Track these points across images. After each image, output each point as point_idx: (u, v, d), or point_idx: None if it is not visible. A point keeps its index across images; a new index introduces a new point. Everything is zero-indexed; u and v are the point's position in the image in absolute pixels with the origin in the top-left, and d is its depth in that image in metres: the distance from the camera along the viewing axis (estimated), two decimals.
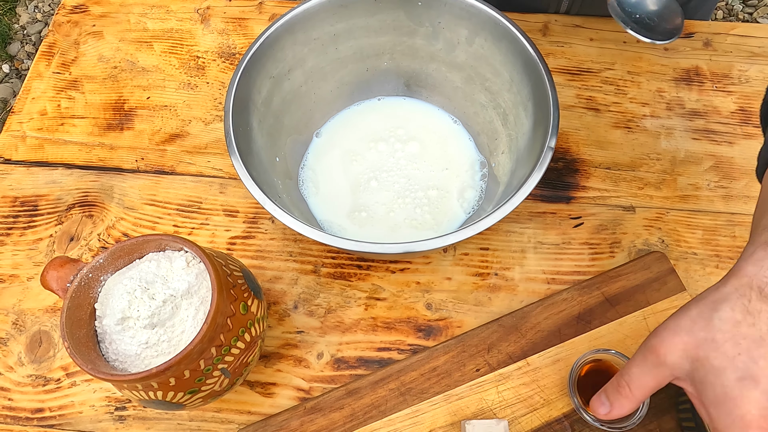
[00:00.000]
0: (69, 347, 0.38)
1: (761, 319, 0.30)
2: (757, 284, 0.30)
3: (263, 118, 0.53)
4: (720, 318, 0.31)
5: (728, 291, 0.31)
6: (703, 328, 0.31)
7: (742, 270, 0.31)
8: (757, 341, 0.29)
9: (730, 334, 0.30)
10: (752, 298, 0.30)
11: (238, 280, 0.43)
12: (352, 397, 0.49)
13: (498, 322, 0.52)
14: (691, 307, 0.33)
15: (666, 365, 0.32)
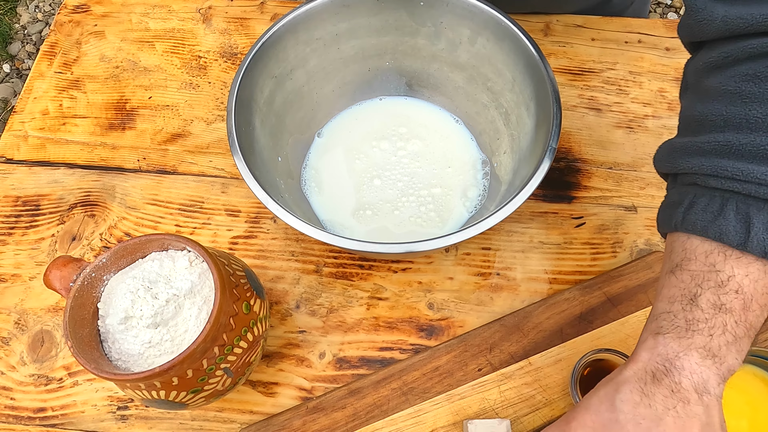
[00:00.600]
0: (72, 347, 0.38)
1: (656, 400, 0.33)
2: (650, 369, 0.34)
3: (265, 118, 0.53)
4: (621, 400, 0.34)
5: (628, 375, 0.34)
6: (607, 409, 0.34)
7: (638, 356, 0.35)
8: (655, 420, 0.32)
9: (631, 415, 0.33)
10: (647, 381, 0.34)
11: (241, 279, 0.44)
12: (354, 396, 0.49)
13: (500, 322, 0.52)
14: (599, 387, 0.36)
15: None
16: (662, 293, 0.37)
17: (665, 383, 0.33)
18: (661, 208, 0.39)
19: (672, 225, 0.37)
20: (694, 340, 0.34)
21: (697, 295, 0.34)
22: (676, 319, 0.35)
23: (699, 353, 0.33)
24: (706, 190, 0.36)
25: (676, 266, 0.36)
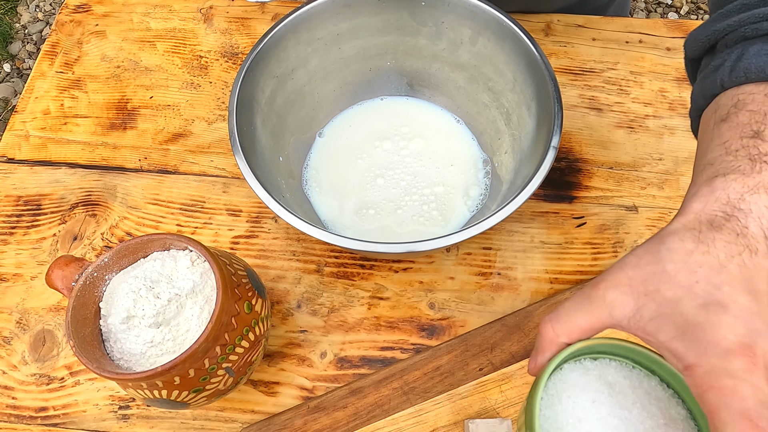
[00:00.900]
0: (74, 346, 0.38)
1: (716, 246, 0.26)
2: (705, 218, 0.28)
3: (267, 118, 0.53)
4: (669, 249, 0.27)
5: (675, 227, 0.28)
6: (650, 262, 0.27)
7: (687, 208, 0.29)
8: (716, 268, 0.26)
9: (682, 264, 0.26)
10: (702, 230, 0.27)
11: (243, 279, 0.44)
12: (356, 396, 0.49)
13: (501, 322, 0.52)
14: (636, 248, 0.29)
15: (604, 302, 0.29)
16: (711, 145, 0.30)
17: (727, 228, 0.27)
18: (697, 83, 0.33)
19: (717, 85, 0.31)
20: (762, 177, 0.27)
21: (761, 131, 0.28)
22: (737, 160, 0.28)
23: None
24: (757, 38, 0.30)
25: (726, 116, 0.30)
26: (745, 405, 0.23)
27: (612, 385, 0.30)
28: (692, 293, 0.26)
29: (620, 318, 0.29)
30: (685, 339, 0.26)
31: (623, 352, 0.31)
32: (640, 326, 0.28)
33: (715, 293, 0.26)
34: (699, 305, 0.26)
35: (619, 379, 0.30)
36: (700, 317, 0.25)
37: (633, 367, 0.31)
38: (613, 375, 0.31)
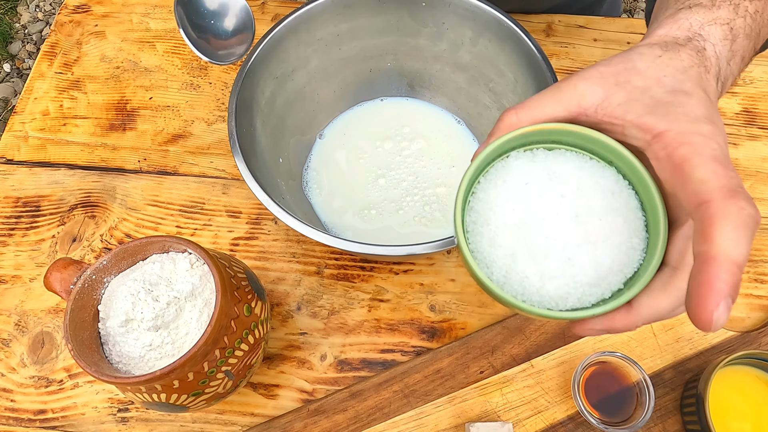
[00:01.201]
0: (72, 349, 0.38)
1: (680, 56, 0.29)
2: (670, 38, 0.30)
3: (266, 119, 0.53)
4: (639, 53, 0.29)
5: (642, 44, 0.30)
6: (621, 62, 0.29)
7: (651, 34, 0.31)
8: (681, 69, 0.28)
9: (652, 63, 0.28)
10: (668, 44, 0.29)
11: (242, 281, 0.43)
12: (356, 399, 0.49)
13: (502, 324, 0.51)
14: (606, 58, 0.30)
15: (575, 91, 0.29)
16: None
17: (690, 45, 0.29)
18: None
19: None
20: (720, 12, 0.30)
21: None
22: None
23: (722, 30, 0.30)
24: None
25: None
26: (715, 153, 0.25)
27: (555, 173, 0.29)
28: (660, 83, 0.28)
29: (588, 106, 0.29)
30: (656, 113, 0.27)
31: (579, 141, 0.30)
32: (608, 112, 0.28)
33: (681, 85, 0.28)
34: (667, 91, 0.28)
35: (568, 168, 0.29)
36: (669, 98, 0.27)
37: (590, 158, 0.30)
38: (562, 165, 0.29)
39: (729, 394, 0.45)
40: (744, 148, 0.60)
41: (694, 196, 0.24)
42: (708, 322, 0.22)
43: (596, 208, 0.28)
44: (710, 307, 0.22)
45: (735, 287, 0.22)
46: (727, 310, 0.22)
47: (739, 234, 0.22)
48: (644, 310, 0.26)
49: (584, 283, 0.27)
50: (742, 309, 0.53)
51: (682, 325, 0.51)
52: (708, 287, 0.22)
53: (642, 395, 0.45)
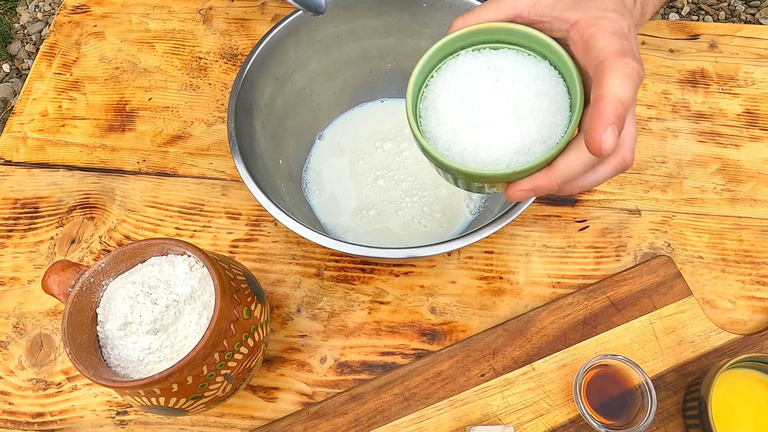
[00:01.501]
0: (70, 353, 0.37)
1: None
2: None
3: (266, 120, 0.53)
4: None
5: None
6: None
7: None
8: None
9: None
10: None
11: (242, 284, 0.43)
12: (356, 402, 0.49)
13: (503, 327, 0.51)
14: None
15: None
16: None
17: None
18: None
19: None
20: None
21: None
22: None
23: None
24: None
25: None
26: (615, 29, 0.30)
27: (494, 64, 0.34)
28: None
29: (522, 9, 0.34)
30: (574, 8, 0.32)
31: (516, 38, 0.35)
32: (538, 12, 0.33)
33: None
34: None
35: (506, 61, 0.34)
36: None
37: (528, 54, 0.34)
38: (501, 58, 0.34)
39: (732, 398, 0.45)
40: (746, 149, 0.60)
41: (594, 61, 0.30)
42: (598, 144, 0.27)
43: (526, 90, 0.33)
44: (599, 132, 0.27)
45: (620, 119, 0.28)
46: (613, 135, 0.27)
47: (625, 81, 0.28)
48: (562, 167, 0.31)
49: (512, 150, 0.32)
50: (744, 311, 0.53)
51: (684, 328, 0.50)
52: (598, 118, 0.27)
53: (644, 398, 0.45)
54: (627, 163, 0.32)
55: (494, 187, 0.34)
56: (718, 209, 0.57)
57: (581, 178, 0.32)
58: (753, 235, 0.56)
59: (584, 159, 0.31)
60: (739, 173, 0.59)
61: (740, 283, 0.54)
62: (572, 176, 0.31)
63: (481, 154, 0.32)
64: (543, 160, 0.31)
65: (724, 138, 0.61)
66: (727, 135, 0.61)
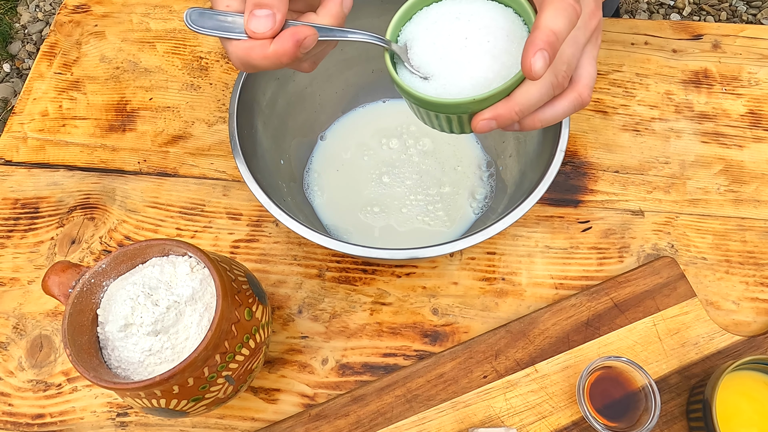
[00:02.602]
0: (71, 354, 0.37)
1: None
2: None
3: (268, 120, 0.53)
4: None
5: None
6: None
7: None
8: None
9: None
10: None
11: (243, 285, 0.43)
12: (358, 403, 0.48)
13: (505, 328, 0.51)
14: None
15: None
16: None
17: None
18: None
19: None
20: None
21: None
22: None
23: None
24: None
25: None
26: None
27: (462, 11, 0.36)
28: None
29: None
30: None
31: None
32: None
33: None
34: None
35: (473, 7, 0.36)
36: None
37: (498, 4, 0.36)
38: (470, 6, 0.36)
39: (736, 400, 0.45)
40: (749, 150, 0.60)
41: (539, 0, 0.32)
42: (529, 67, 0.30)
43: (486, 31, 0.35)
44: (529, 56, 0.30)
45: (550, 45, 0.30)
46: (542, 59, 0.30)
47: (558, 13, 0.31)
48: (518, 96, 0.33)
49: (474, 84, 0.34)
50: (747, 313, 0.52)
51: (687, 330, 0.50)
52: (530, 44, 0.30)
53: (648, 400, 0.45)
54: (583, 98, 0.35)
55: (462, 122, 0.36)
56: (721, 210, 0.57)
57: (540, 112, 0.35)
58: (757, 236, 0.55)
59: (539, 89, 0.33)
60: (742, 174, 0.58)
61: (744, 285, 0.53)
62: (529, 105, 0.33)
63: (447, 87, 0.35)
64: (501, 89, 0.33)
65: (728, 138, 0.60)
66: (731, 135, 0.60)
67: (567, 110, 0.35)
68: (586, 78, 0.35)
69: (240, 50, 0.33)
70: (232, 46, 0.33)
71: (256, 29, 0.32)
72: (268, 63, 0.33)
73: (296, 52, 0.33)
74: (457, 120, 0.36)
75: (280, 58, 0.33)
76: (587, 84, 0.35)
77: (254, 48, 0.33)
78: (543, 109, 0.35)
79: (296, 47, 0.32)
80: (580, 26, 0.34)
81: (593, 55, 0.35)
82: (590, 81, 0.35)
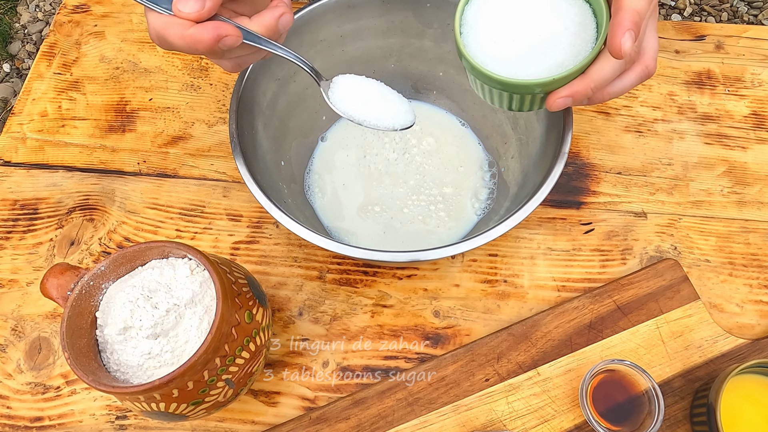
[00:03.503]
0: (69, 358, 0.37)
1: None
2: None
3: (268, 121, 0.52)
4: None
5: None
6: None
7: None
8: None
9: None
10: None
11: (243, 288, 0.42)
12: (359, 407, 0.48)
13: (508, 331, 0.50)
14: None
15: None
16: None
17: None
18: None
19: None
20: None
21: None
22: None
23: None
24: None
25: None
26: None
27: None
28: None
29: None
30: None
31: None
32: None
33: None
34: None
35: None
36: None
37: None
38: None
39: (740, 404, 0.44)
40: (753, 151, 0.59)
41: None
42: (618, 47, 0.31)
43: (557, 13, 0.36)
44: (618, 37, 0.31)
45: (636, 25, 0.32)
46: (630, 39, 0.31)
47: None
48: (594, 73, 0.35)
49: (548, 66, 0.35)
50: (751, 315, 0.52)
51: (691, 333, 0.50)
52: (617, 25, 0.32)
53: (651, 404, 0.44)
54: (650, 70, 0.36)
55: (534, 101, 0.36)
56: (725, 212, 0.56)
57: (611, 85, 0.36)
58: (760, 238, 0.55)
59: (612, 65, 0.34)
60: (746, 176, 0.58)
61: (748, 287, 0.53)
62: (603, 81, 0.35)
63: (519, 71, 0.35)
64: (578, 68, 0.34)
65: (731, 140, 0.60)
66: (734, 137, 0.60)
67: (635, 82, 0.37)
68: (650, 50, 0.36)
69: (159, 24, 0.32)
70: (152, 17, 0.33)
71: (182, 8, 0.32)
72: (182, 44, 0.33)
73: (214, 45, 0.33)
74: (530, 99, 0.37)
75: (195, 44, 0.33)
76: (652, 55, 0.36)
77: (173, 25, 0.32)
78: (613, 82, 0.36)
79: (215, 40, 0.32)
80: None
81: (654, 27, 0.37)
82: (654, 52, 0.36)
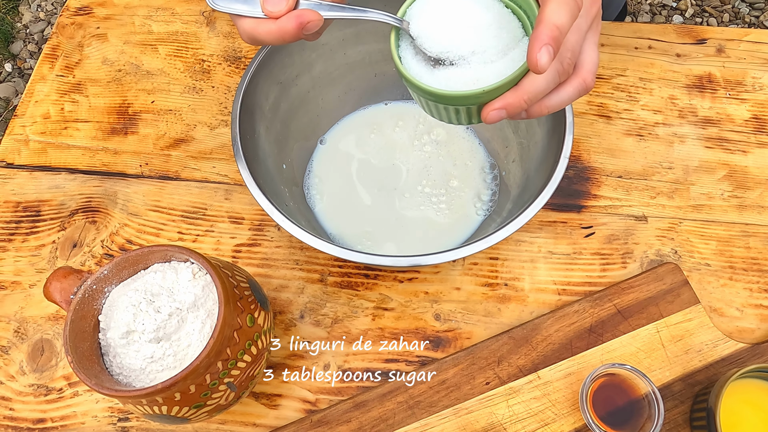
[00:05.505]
0: (72, 361, 0.37)
1: None
2: None
3: (270, 124, 0.52)
4: None
5: None
6: None
7: None
8: None
9: None
10: None
11: (245, 291, 0.43)
12: (360, 410, 0.48)
13: (508, 334, 0.51)
14: None
15: None
16: None
17: None
18: None
19: None
20: None
21: None
22: None
23: None
24: None
25: None
26: None
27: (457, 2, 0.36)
28: None
29: None
30: None
31: None
32: None
33: None
34: None
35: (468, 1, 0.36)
36: None
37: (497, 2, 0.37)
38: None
39: (740, 408, 0.44)
40: (753, 155, 0.59)
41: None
42: (535, 61, 0.31)
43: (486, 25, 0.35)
44: (535, 51, 0.31)
45: (554, 40, 0.31)
46: (547, 53, 0.31)
47: (560, 7, 0.31)
48: (526, 85, 0.34)
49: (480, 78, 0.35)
50: (751, 320, 0.52)
51: (691, 337, 0.50)
52: (534, 39, 0.31)
53: (651, 408, 0.44)
54: (587, 84, 0.36)
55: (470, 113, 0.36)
56: (725, 216, 0.56)
57: (547, 99, 0.35)
58: (761, 242, 0.55)
59: (545, 78, 0.34)
60: (746, 179, 0.58)
61: (748, 291, 0.53)
62: (536, 93, 0.34)
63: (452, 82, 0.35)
64: (509, 79, 0.34)
65: (732, 144, 0.60)
66: (735, 141, 0.60)
67: (572, 96, 0.36)
68: (589, 64, 0.36)
69: (249, 26, 0.35)
70: (241, 23, 0.36)
71: (272, 9, 0.35)
72: (272, 38, 0.36)
73: (298, 33, 0.35)
74: (465, 111, 0.36)
75: (283, 35, 0.35)
76: (591, 69, 0.36)
77: (261, 23, 0.35)
78: (549, 96, 0.36)
79: (299, 29, 0.35)
80: (582, 14, 0.35)
81: (595, 41, 0.36)
82: (593, 66, 0.36)
